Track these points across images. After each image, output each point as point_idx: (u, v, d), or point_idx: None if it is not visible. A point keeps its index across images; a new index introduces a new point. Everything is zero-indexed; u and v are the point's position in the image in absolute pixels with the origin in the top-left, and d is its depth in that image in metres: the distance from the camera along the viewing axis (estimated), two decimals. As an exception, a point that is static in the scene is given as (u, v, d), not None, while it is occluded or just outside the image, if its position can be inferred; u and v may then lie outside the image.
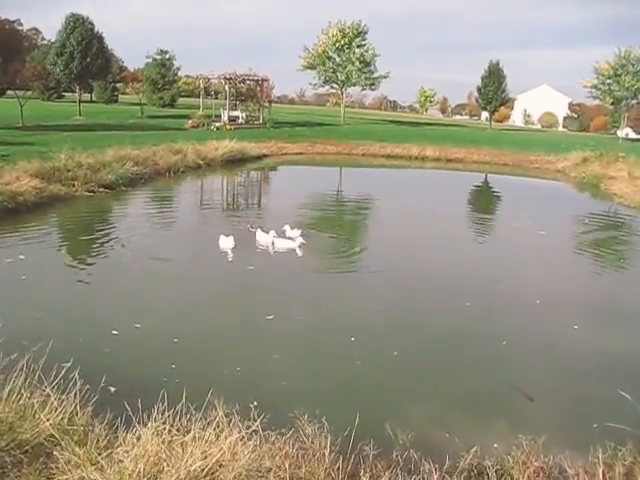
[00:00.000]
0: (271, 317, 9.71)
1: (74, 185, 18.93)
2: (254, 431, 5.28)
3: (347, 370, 8.17)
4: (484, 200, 27.38)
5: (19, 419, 5.06)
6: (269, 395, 7.13)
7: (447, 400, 7.56)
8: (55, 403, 5.29)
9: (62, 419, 5.14)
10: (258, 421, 5.32)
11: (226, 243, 13.45)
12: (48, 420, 5.00)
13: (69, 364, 6.15)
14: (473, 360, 8.84)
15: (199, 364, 8.05)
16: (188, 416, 5.40)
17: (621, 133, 64.60)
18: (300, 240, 13.81)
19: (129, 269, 12.07)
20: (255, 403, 6.60)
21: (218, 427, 5.22)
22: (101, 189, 19.64)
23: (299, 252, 13.70)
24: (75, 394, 5.49)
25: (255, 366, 8.09)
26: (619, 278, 14.06)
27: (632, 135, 71.98)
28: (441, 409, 7.29)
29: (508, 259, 15.08)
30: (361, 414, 6.13)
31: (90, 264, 12.53)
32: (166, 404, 5.48)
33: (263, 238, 14.28)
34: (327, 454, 5.29)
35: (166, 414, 5.27)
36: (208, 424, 5.26)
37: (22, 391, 5.45)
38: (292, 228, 14.95)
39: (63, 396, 5.45)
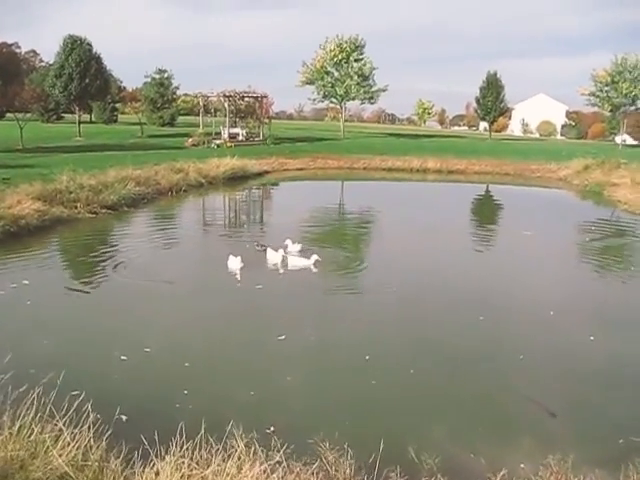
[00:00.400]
0: (283, 337, 9.50)
1: (76, 207, 18.80)
2: (277, 462, 5.06)
3: (363, 390, 7.95)
4: (488, 211, 27.19)
5: (31, 456, 4.84)
6: (285, 419, 6.94)
7: (468, 418, 7.34)
8: (68, 438, 5.07)
9: (76, 455, 4.92)
10: (281, 452, 5.11)
11: (234, 264, 13.23)
12: (61, 456, 4.79)
13: (80, 394, 5.98)
14: (491, 376, 8.63)
15: (212, 389, 7.83)
16: (207, 447, 5.20)
17: (619, 140, 64.52)
18: (315, 257, 13.61)
19: (135, 292, 11.90)
20: (272, 428, 6.44)
21: (239, 459, 5.01)
22: (104, 210, 19.51)
23: (314, 269, 13.51)
24: (89, 427, 5.28)
25: (269, 389, 7.87)
26: (631, 286, 13.87)
27: (630, 141, 71.84)
28: (463, 428, 7.06)
29: (517, 269, 14.87)
30: (382, 437, 5.94)
31: (95, 288, 12.33)
32: (182, 433, 5.28)
33: (273, 257, 14.09)
34: (353, 483, 5.09)
35: (184, 446, 5.07)
36: (229, 456, 5.04)
37: (33, 426, 5.23)
38: (294, 242, 14.94)
39: (76, 430, 5.22)
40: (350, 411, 7.41)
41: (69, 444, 5.00)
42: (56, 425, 5.28)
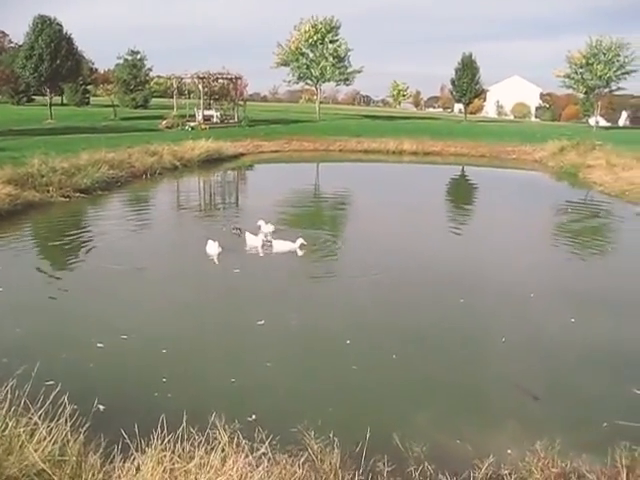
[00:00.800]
0: (262, 322, 9.36)
1: (49, 191, 18.42)
2: (263, 453, 4.92)
3: (345, 376, 7.84)
4: (465, 192, 27.19)
5: (5, 452, 4.62)
6: (268, 406, 6.81)
7: (452, 403, 7.26)
8: (44, 432, 4.84)
9: (52, 450, 4.71)
10: (266, 443, 4.96)
11: (212, 248, 12.98)
12: (37, 452, 4.58)
13: (56, 384, 5.78)
14: (473, 360, 8.57)
15: (191, 376, 7.66)
16: (189, 439, 5.03)
17: (593, 121, 64.91)
18: (300, 241, 13.44)
19: (110, 277, 11.64)
20: (254, 417, 6.30)
21: (223, 451, 4.86)
22: (77, 194, 19.14)
23: (300, 252, 13.35)
24: (66, 420, 5.07)
25: (250, 376, 7.72)
26: (610, 267, 13.93)
27: (603, 123, 72.32)
28: (448, 413, 6.98)
29: (496, 251, 14.83)
30: (367, 424, 5.85)
31: (69, 273, 12.08)
32: (163, 425, 5.11)
33: (252, 240, 13.91)
34: (340, 473, 4.96)
35: (165, 439, 4.89)
36: (212, 449, 4.88)
37: (7, 420, 5.01)
38: (266, 223, 14.92)
39: (52, 424, 5.00)
40: (332, 397, 7.29)
41: (45, 438, 4.78)
42: (31, 419, 5.06)
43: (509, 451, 6.03)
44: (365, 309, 10.35)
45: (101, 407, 6.22)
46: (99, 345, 8.33)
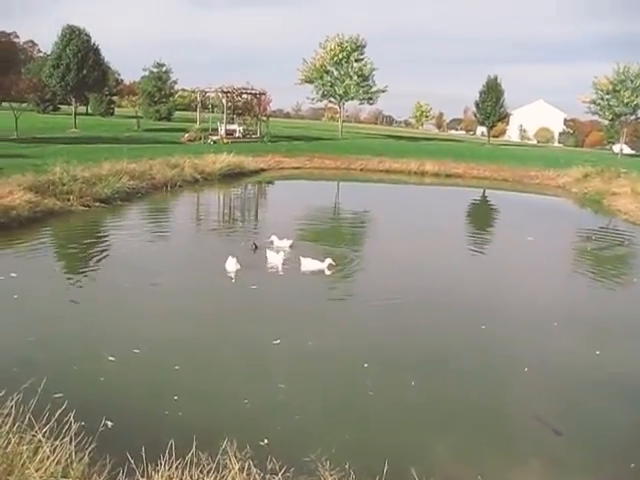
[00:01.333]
0: (277, 342, 9.14)
1: (69, 199, 18.37)
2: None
3: (362, 402, 7.57)
4: (488, 216, 26.84)
5: (5, 471, 4.41)
6: (281, 431, 6.56)
7: (473, 434, 6.97)
8: (48, 451, 4.63)
9: (55, 471, 4.49)
10: (279, 475, 4.72)
11: (231, 265, 12.73)
12: (39, 471, 4.37)
13: (63, 398, 5.60)
14: (495, 389, 8.28)
15: (203, 395, 7.42)
16: (198, 464, 4.79)
17: (617, 148, 64.28)
18: (329, 261, 13.24)
19: (126, 290, 11.48)
20: (266, 441, 6.08)
21: (233, 480, 4.62)
22: (97, 203, 19.09)
23: (327, 272, 13.11)
24: (70, 438, 4.86)
25: (264, 397, 7.48)
26: (634, 296, 13.59)
27: (627, 151, 71.54)
28: (469, 446, 6.69)
29: (518, 277, 14.54)
30: (384, 455, 5.61)
31: (85, 283, 11.91)
32: (171, 448, 4.89)
33: (273, 258, 13.71)
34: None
35: (173, 465, 4.66)
36: (222, 478, 4.64)
37: (10, 436, 4.80)
38: (280, 239, 14.89)
39: (57, 442, 4.78)
40: (348, 423, 7.03)
41: (49, 457, 4.56)
42: (35, 436, 4.85)
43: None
44: (383, 332, 10.09)
45: (109, 423, 6.02)
46: (110, 359, 8.16)
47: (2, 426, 4.90)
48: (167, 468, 4.63)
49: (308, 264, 13.34)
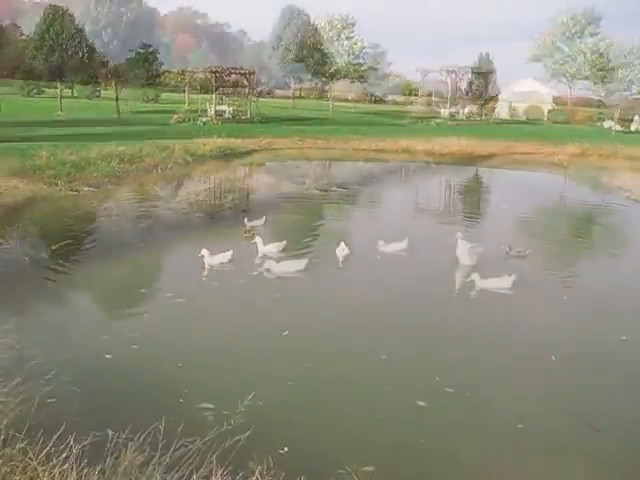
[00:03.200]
0: (286, 333, 8.59)
1: (57, 184, 17.73)
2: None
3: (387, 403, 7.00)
4: (476, 195, 26.18)
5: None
6: (301, 437, 5.99)
7: (506, 438, 6.41)
8: None
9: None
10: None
11: (213, 259, 11.55)
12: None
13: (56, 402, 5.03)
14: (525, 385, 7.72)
15: (210, 396, 6.74)
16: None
17: (607, 125, 63.78)
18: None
19: (120, 279, 10.94)
20: (286, 449, 5.55)
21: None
22: (86, 188, 18.43)
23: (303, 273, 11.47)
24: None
25: (276, 397, 6.89)
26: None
27: (616, 127, 71.04)
28: (499, 457, 6.14)
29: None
30: (418, 464, 5.07)
31: (76, 272, 11.32)
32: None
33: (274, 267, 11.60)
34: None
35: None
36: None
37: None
38: (265, 244, 12.53)
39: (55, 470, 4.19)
40: (377, 433, 6.45)
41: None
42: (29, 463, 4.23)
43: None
44: (397, 324, 9.57)
45: (109, 432, 5.48)
46: (107, 356, 7.59)
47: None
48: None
49: (280, 268, 11.43)
